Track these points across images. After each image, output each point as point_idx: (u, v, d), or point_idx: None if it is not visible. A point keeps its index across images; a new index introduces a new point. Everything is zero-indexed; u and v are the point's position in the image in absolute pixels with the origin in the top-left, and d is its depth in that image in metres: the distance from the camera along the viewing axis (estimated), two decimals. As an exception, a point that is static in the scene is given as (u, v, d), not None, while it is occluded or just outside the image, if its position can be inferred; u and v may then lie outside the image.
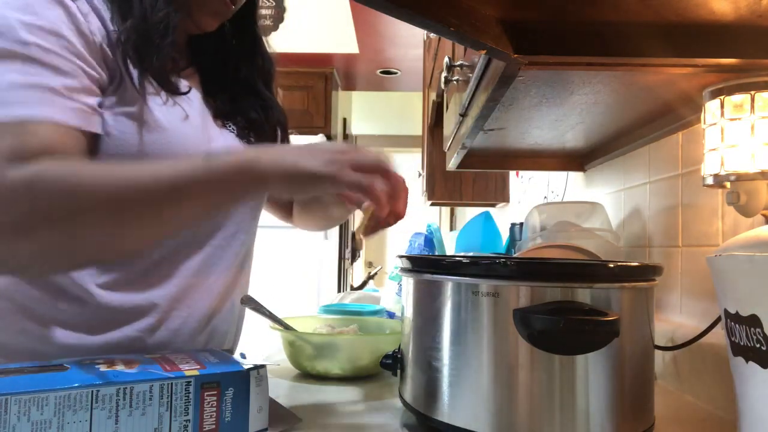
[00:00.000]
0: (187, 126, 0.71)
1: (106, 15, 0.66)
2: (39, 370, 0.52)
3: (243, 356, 0.62)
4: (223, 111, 0.81)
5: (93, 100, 0.63)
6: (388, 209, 0.59)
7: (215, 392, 0.54)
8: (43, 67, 0.59)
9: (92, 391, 0.49)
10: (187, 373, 0.54)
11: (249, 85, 0.85)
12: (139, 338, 0.71)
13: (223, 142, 0.78)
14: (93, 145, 0.64)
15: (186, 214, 0.60)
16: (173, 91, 0.70)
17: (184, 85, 0.73)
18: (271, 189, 0.66)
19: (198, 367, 0.56)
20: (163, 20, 0.68)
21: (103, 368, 0.53)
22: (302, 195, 0.89)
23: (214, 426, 0.54)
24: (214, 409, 0.54)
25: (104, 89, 0.65)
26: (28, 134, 0.57)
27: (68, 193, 0.55)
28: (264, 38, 0.89)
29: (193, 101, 0.75)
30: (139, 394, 0.51)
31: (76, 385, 0.49)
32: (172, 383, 0.52)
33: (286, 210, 1.04)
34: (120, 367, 0.54)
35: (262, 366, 0.58)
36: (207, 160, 0.59)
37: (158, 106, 0.68)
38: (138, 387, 0.51)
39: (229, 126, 0.81)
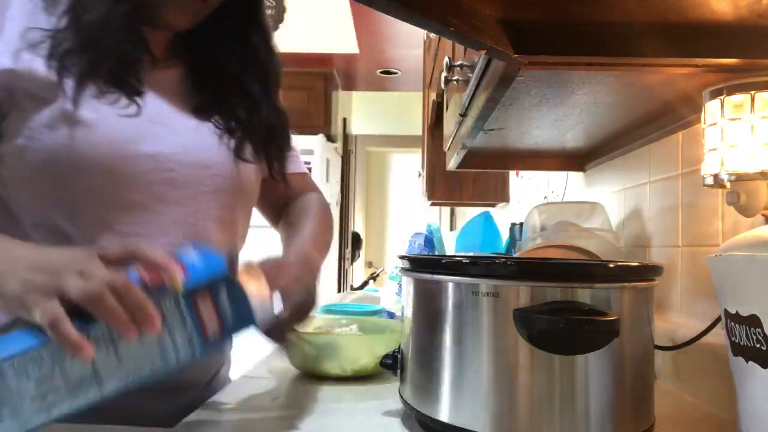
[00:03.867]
0: (129, 122, 0.69)
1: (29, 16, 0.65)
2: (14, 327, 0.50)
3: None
4: (206, 105, 0.78)
5: None
6: (132, 329, 0.49)
7: (209, 298, 0.51)
8: None
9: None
10: (172, 286, 0.50)
11: (237, 83, 0.82)
12: None
13: (192, 137, 0.75)
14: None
15: None
16: (126, 90, 0.69)
17: (143, 81, 0.71)
18: None
19: (179, 267, 0.52)
20: (100, 22, 0.67)
21: None
22: None
23: (218, 330, 0.52)
24: (213, 314, 0.52)
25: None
26: None
27: None
28: (269, 33, 0.85)
29: (157, 96, 0.73)
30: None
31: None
32: (160, 300, 0.50)
33: (273, 218, 0.99)
34: None
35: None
36: None
37: (94, 106, 0.67)
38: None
39: (215, 120, 0.79)
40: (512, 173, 2.39)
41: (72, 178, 0.66)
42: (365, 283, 3.62)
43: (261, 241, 1.08)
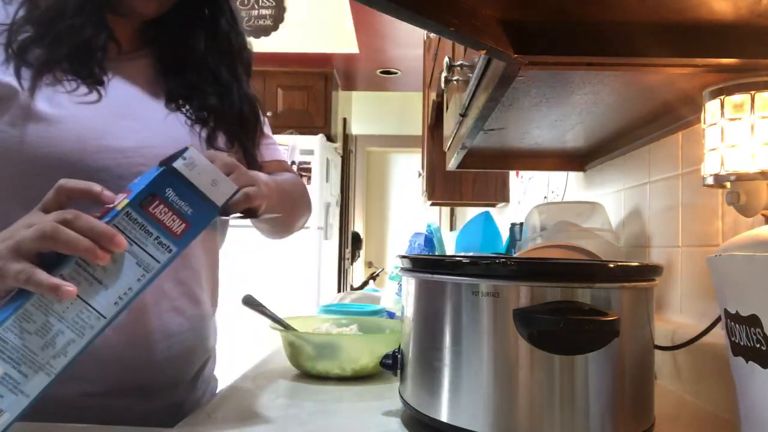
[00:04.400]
0: (92, 115, 0.67)
1: None
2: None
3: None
4: (176, 95, 0.77)
5: None
6: (98, 251, 0.50)
7: (158, 202, 0.53)
8: None
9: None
10: (120, 207, 0.52)
11: (207, 67, 0.80)
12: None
13: (162, 128, 0.74)
14: None
15: None
16: (86, 78, 0.67)
17: (106, 70, 0.70)
18: None
19: (125, 194, 0.54)
20: (55, 7, 0.66)
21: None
22: None
23: (182, 224, 0.54)
24: (171, 213, 0.54)
25: None
26: None
27: None
28: (237, 19, 0.84)
29: (123, 86, 0.72)
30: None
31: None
32: (114, 222, 0.52)
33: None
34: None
35: (184, 150, 0.55)
36: None
37: (53, 98, 0.65)
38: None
39: (185, 110, 0.77)
40: (512, 173, 2.39)
41: (35, 175, 0.65)
42: (365, 283, 3.62)
43: (256, 241, 1.08)
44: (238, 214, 0.66)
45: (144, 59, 0.77)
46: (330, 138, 3.95)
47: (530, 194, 2.06)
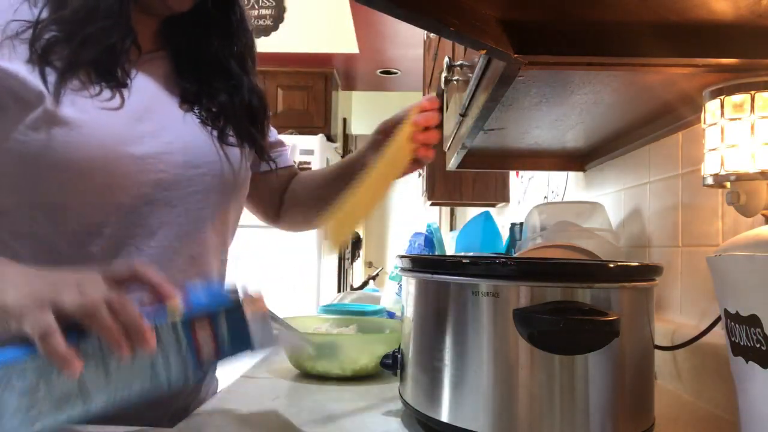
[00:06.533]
0: (115, 121, 0.66)
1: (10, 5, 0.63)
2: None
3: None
4: (190, 94, 0.77)
5: None
6: (124, 346, 0.49)
7: (206, 324, 0.52)
8: None
9: (74, 344, 0.47)
10: (170, 311, 0.51)
11: (219, 64, 0.80)
12: None
13: (181, 130, 0.74)
14: None
15: None
16: (110, 82, 0.67)
17: (129, 73, 0.69)
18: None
19: (179, 295, 0.53)
20: (86, 8, 0.65)
21: None
22: None
23: (213, 352, 0.52)
24: (209, 337, 0.52)
25: None
26: None
27: None
28: (245, 15, 0.84)
29: (143, 89, 0.71)
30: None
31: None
32: (157, 322, 0.50)
33: (270, 212, 1.00)
34: None
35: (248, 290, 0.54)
36: None
37: (76, 101, 0.64)
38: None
39: (197, 110, 0.77)
40: (512, 173, 2.39)
41: (57, 181, 0.64)
42: (365, 283, 3.61)
43: (256, 241, 1.09)
44: None
45: (160, 60, 0.77)
46: (330, 138, 3.95)
47: (530, 194, 2.06)
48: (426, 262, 0.65)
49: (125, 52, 0.69)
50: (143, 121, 0.70)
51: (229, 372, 0.93)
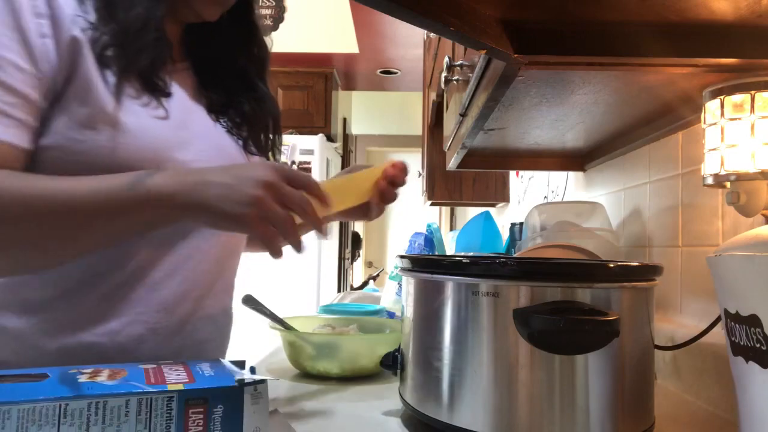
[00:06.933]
0: (163, 127, 0.68)
1: (72, 11, 0.63)
2: (14, 379, 0.49)
3: (252, 370, 0.56)
4: (217, 105, 0.79)
5: (23, 114, 0.61)
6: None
7: (201, 410, 0.50)
8: None
9: (60, 405, 0.45)
10: (171, 387, 0.49)
11: (244, 77, 0.83)
12: (98, 343, 0.67)
13: (213, 138, 0.76)
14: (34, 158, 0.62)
15: (99, 234, 0.60)
16: (156, 92, 0.68)
17: (169, 83, 0.71)
18: (191, 222, 0.64)
19: (186, 380, 0.51)
20: (141, 17, 0.66)
21: (82, 379, 0.50)
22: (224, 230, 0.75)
23: None
24: (201, 428, 0.49)
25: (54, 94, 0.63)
26: None
27: None
28: (259, 25, 0.87)
29: (179, 99, 0.73)
30: (114, 410, 0.47)
31: (42, 398, 0.45)
32: (151, 398, 0.48)
33: None
34: (101, 378, 0.50)
35: (262, 381, 0.52)
36: (130, 183, 0.58)
37: (131, 108, 0.65)
38: (112, 401, 0.47)
39: (223, 120, 0.79)
40: (512, 173, 2.39)
41: None
42: (365, 283, 3.61)
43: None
44: None
45: (185, 70, 0.78)
46: (330, 138, 3.95)
47: (530, 194, 2.06)
48: (426, 262, 0.65)
49: (166, 61, 0.71)
50: (182, 128, 0.72)
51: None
